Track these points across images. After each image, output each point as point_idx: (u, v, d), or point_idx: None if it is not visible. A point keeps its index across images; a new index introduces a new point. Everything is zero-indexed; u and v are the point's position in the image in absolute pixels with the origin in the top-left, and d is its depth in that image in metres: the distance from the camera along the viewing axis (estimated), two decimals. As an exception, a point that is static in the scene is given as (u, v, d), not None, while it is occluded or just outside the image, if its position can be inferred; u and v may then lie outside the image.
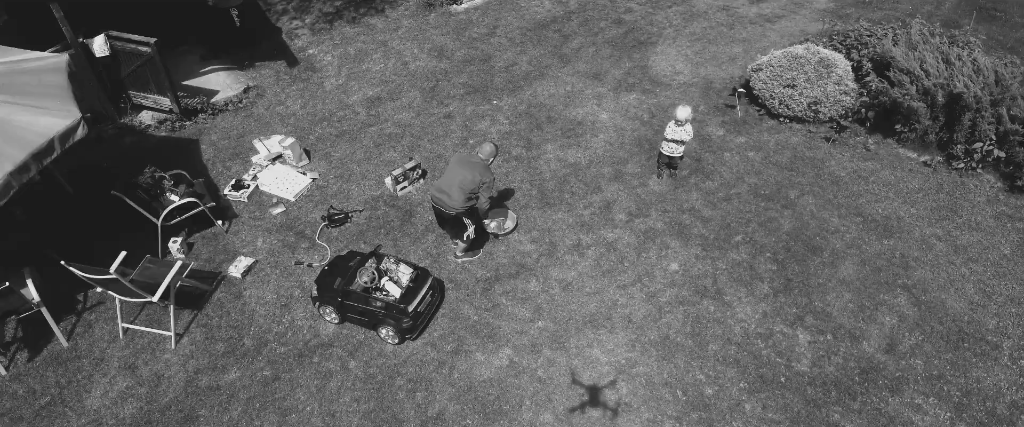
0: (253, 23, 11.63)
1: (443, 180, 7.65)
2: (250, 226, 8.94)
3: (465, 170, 7.47)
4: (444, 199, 7.61)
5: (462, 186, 7.47)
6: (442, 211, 7.74)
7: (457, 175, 7.49)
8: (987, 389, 6.66)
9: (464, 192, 7.48)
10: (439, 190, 7.66)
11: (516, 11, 12.54)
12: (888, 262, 7.91)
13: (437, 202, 7.71)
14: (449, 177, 7.59)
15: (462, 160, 7.60)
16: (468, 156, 7.67)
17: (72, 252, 7.65)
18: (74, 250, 8.02)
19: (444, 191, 7.60)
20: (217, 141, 10.23)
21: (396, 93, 10.88)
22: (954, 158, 8.87)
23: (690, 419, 6.65)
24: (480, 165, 7.51)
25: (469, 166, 7.48)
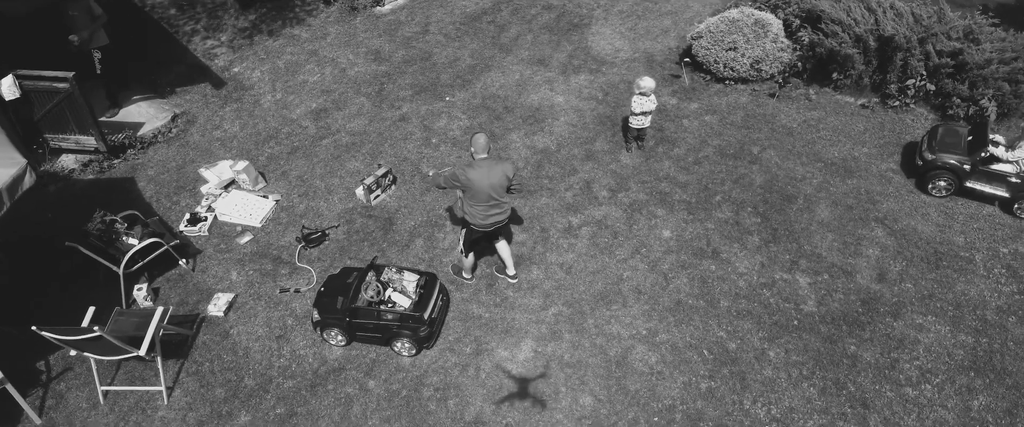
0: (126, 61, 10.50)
1: (488, 197, 6.78)
2: (218, 260, 8.26)
3: (496, 170, 6.77)
4: (502, 211, 7.01)
5: (504, 185, 6.87)
6: (500, 226, 7.22)
7: (496, 179, 6.75)
8: (974, 300, 7.25)
9: (506, 189, 6.98)
10: (492, 210, 6.91)
11: (444, 7, 12.32)
12: (857, 200, 8.43)
13: (496, 223, 7.06)
14: (492, 188, 6.74)
15: (487, 166, 6.72)
16: (485, 160, 6.79)
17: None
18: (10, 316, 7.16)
19: (498, 204, 6.91)
20: (156, 176, 9.38)
21: (342, 102, 10.40)
22: (889, 97, 9.58)
23: (722, 375, 6.81)
24: (500, 157, 7.11)
25: (496, 164, 6.81)
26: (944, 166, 8.18)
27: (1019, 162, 7.91)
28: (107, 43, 9.76)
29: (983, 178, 8.12)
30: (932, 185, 8.37)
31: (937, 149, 8.27)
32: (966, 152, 8.17)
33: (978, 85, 8.86)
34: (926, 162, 8.34)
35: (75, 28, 9.32)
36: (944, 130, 8.55)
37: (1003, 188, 8.08)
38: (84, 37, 9.38)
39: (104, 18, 9.60)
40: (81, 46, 9.44)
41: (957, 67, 8.97)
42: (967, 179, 8.17)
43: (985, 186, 8.16)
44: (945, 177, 8.25)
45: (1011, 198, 8.07)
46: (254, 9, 12.21)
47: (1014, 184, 7.98)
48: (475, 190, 6.72)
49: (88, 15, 9.40)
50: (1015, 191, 8.01)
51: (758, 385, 6.69)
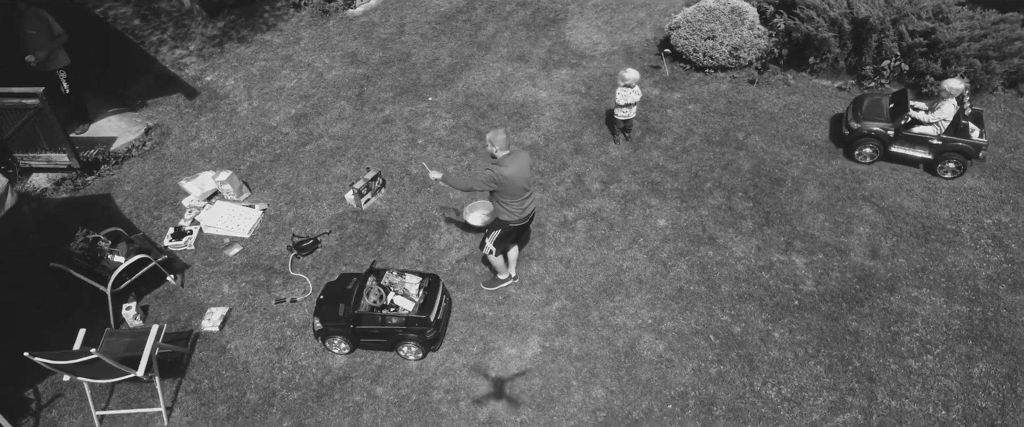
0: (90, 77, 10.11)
1: (522, 190, 6.73)
2: (207, 274, 8.02)
3: (523, 161, 6.71)
4: (533, 200, 7.03)
5: (531, 174, 6.92)
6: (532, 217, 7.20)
7: (526, 171, 6.70)
8: (964, 270, 7.45)
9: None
10: (527, 202, 6.89)
11: (417, 6, 12.18)
12: (842, 179, 8.59)
13: (532, 214, 7.06)
14: (525, 180, 6.70)
15: (514, 159, 6.63)
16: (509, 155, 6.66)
17: None
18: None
19: (530, 194, 6.91)
20: (133, 191, 9.06)
21: (322, 106, 10.20)
22: (865, 78, 9.80)
23: (730, 359, 6.86)
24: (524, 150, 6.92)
25: (519, 155, 6.75)
26: (869, 133, 8.50)
27: (938, 123, 8.22)
28: (68, 62, 9.34)
29: (906, 142, 8.44)
30: (858, 152, 8.68)
31: (862, 118, 8.58)
32: (889, 119, 8.50)
33: (951, 63, 9.11)
34: (852, 131, 8.63)
35: (34, 48, 8.88)
36: (868, 100, 8.87)
37: (926, 150, 8.41)
38: (41, 57, 8.92)
39: (64, 37, 9.17)
40: (39, 66, 9.00)
41: (930, 46, 9.22)
42: (892, 144, 8.50)
43: (909, 150, 8.49)
44: (871, 144, 8.56)
45: (934, 159, 8.42)
46: (222, 16, 11.90)
47: (935, 146, 8.31)
48: (512, 187, 6.61)
49: (47, 34, 8.97)
50: (937, 152, 8.34)
51: (766, 366, 6.76)
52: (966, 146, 8.21)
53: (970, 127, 8.26)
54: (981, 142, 8.18)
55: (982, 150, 8.20)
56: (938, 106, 8.28)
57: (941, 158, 8.36)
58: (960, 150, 8.24)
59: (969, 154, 8.24)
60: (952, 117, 8.19)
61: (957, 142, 8.22)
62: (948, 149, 8.28)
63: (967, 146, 8.21)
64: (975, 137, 8.25)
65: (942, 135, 8.26)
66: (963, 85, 8.15)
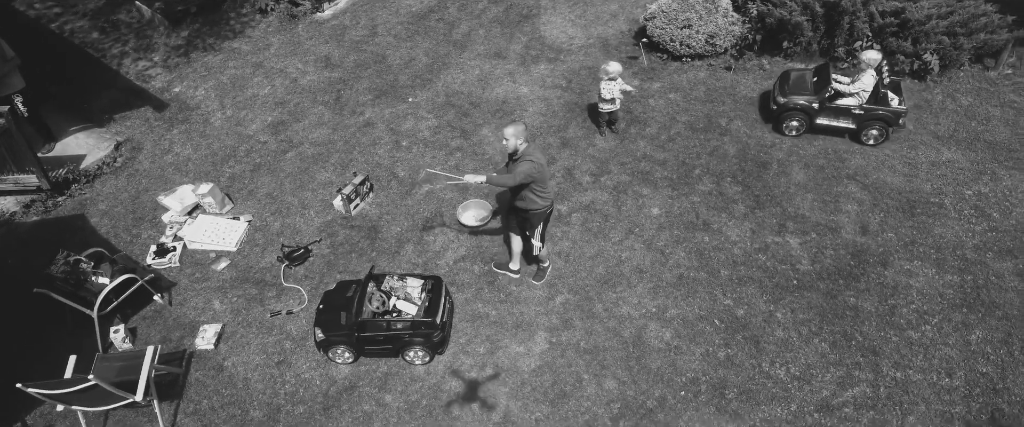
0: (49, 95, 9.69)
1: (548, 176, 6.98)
2: (195, 291, 7.74)
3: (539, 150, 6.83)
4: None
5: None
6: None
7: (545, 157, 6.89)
8: (951, 241, 7.65)
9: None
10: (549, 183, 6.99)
11: (388, 7, 11.99)
12: (826, 159, 8.75)
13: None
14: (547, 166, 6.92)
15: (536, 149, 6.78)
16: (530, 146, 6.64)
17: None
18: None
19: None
20: (108, 210, 8.69)
21: (299, 113, 9.96)
22: (838, 60, 10.00)
23: (737, 342, 6.92)
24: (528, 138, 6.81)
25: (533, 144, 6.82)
26: (795, 107, 8.78)
27: (859, 94, 8.52)
28: (23, 85, 8.90)
29: (831, 114, 8.75)
30: (785, 126, 8.97)
31: (788, 92, 8.85)
32: (813, 92, 8.78)
33: (920, 41, 9.36)
34: (779, 105, 8.90)
35: None
36: (793, 75, 9.15)
37: (849, 120, 8.72)
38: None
39: (17, 60, 8.76)
40: None
41: (900, 25, 9.46)
42: (817, 116, 8.80)
43: (833, 121, 8.80)
44: (797, 117, 8.86)
45: (857, 128, 8.74)
46: (185, 25, 11.53)
47: (858, 115, 8.63)
48: (545, 172, 6.65)
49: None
50: (860, 121, 8.67)
51: (773, 347, 6.84)
52: (887, 114, 8.54)
53: (889, 96, 8.59)
54: (900, 109, 8.53)
55: (902, 117, 8.57)
56: (858, 77, 8.57)
57: (864, 127, 8.69)
58: (881, 118, 8.58)
59: (890, 121, 8.58)
60: (872, 87, 8.49)
61: (878, 110, 8.55)
62: (870, 118, 8.61)
63: (887, 114, 8.54)
64: (895, 105, 8.57)
65: (864, 105, 8.57)
66: (880, 56, 8.46)
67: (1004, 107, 9.13)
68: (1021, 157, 8.46)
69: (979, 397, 6.28)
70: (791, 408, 6.35)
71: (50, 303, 6.94)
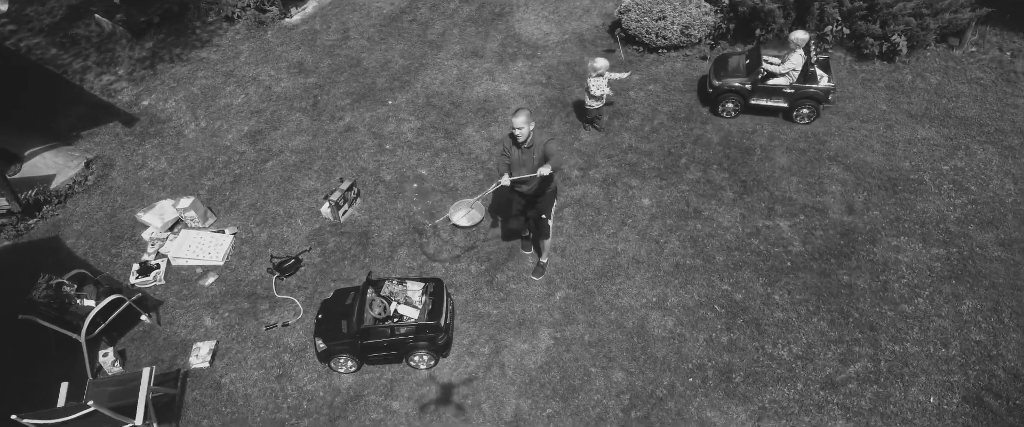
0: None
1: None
2: (184, 308, 7.50)
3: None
4: None
5: None
6: None
7: None
8: (934, 216, 7.86)
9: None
10: None
11: (358, 11, 11.81)
12: (808, 143, 8.91)
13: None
14: None
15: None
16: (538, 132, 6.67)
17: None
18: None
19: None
20: (84, 230, 8.36)
21: (276, 120, 9.73)
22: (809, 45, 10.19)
23: (738, 325, 7.00)
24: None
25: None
26: (730, 89, 9.03)
27: (790, 74, 8.78)
28: None
29: (763, 94, 9.00)
30: (722, 107, 9.22)
31: (722, 76, 9.10)
32: (746, 74, 9.04)
33: (888, 23, 9.61)
34: (715, 88, 9.15)
35: None
36: (726, 59, 9.41)
37: (781, 99, 9.00)
38: None
39: None
40: None
41: (869, 9, 9.69)
42: (751, 97, 9.06)
43: (766, 101, 9.07)
44: (732, 99, 9.13)
45: (789, 107, 9.01)
46: (149, 36, 11.16)
47: (789, 94, 8.89)
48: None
49: None
50: (791, 100, 8.93)
51: (773, 328, 6.93)
52: (816, 91, 8.81)
53: (818, 74, 8.84)
54: (829, 86, 8.80)
55: (830, 94, 8.85)
56: (788, 58, 8.81)
57: (796, 105, 8.97)
58: (811, 96, 8.85)
59: (820, 99, 8.87)
60: (801, 66, 8.74)
61: (808, 89, 8.81)
62: (801, 96, 8.87)
63: (817, 91, 8.81)
64: (824, 83, 8.82)
65: (794, 84, 8.82)
66: (808, 35, 8.69)
67: (971, 84, 9.43)
68: (992, 131, 8.75)
69: (975, 365, 6.47)
70: (797, 387, 6.45)
71: (32, 329, 6.64)
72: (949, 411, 6.16)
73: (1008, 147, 8.49)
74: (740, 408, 6.33)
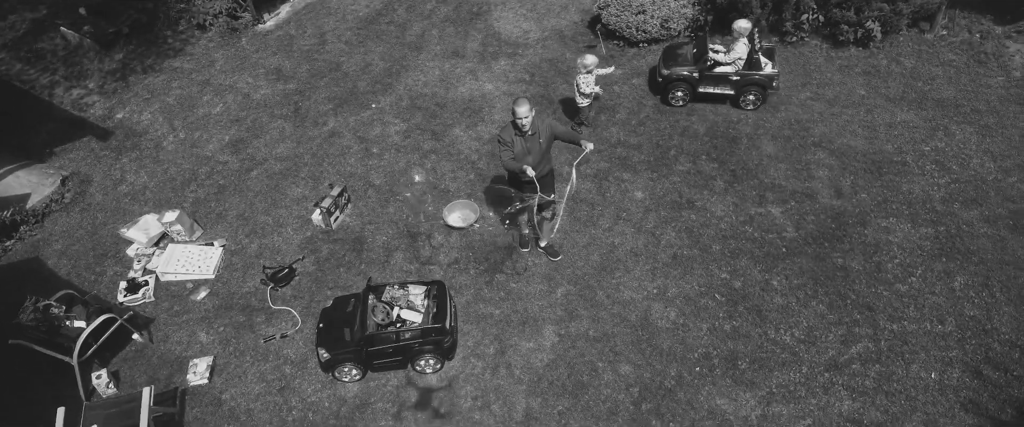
0: None
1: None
2: (177, 324, 7.30)
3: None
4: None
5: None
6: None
7: None
8: (920, 196, 8.03)
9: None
10: None
11: (333, 14, 11.64)
12: (792, 130, 9.03)
13: None
14: None
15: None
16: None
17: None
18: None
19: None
20: (65, 249, 8.09)
21: (258, 128, 9.53)
22: (787, 34, 10.35)
23: (739, 312, 7.06)
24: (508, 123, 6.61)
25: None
26: (679, 78, 9.20)
27: (735, 62, 8.97)
28: None
29: (711, 82, 9.16)
30: (671, 96, 9.40)
31: (671, 65, 9.28)
32: (693, 63, 9.22)
33: (863, 10, 9.80)
34: (664, 77, 9.32)
35: None
36: (674, 49, 9.58)
37: (728, 87, 9.18)
38: None
39: None
40: None
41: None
42: (699, 85, 9.24)
43: (714, 88, 9.24)
44: (681, 88, 9.30)
45: (736, 94, 9.19)
46: (119, 48, 10.84)
47: (735, 81, 9.06)
48: None
49: None
50: (738, 87, 9.10)
51: (774, 314, 7.01)
52: (761, 78, 9.01)
53: (763, 61, 9.03)
54: (773, 73, 9.01)
55: (775, 80, 9.05)
56: (733, 46, 8.98)
57: (742, 92, 9.15)
58: (756, 82, 9.04)
59: (765, 85, 9.07)
60: (746, 54, 8.91)
61: (753, 76, 8.99)
62: (746, 83, 9.06)
63: (762, 78, 9.01)
64: (768, 70, 9.01)
65: (740, 71, 9.00)
66: (751, 24, 8.88)
67: (944, 66, 9.67)
68: (968, 111, 8.97)
69: (971, 339, 6.62)
70: (802, 370, 6.53)
71: (22, 353, 6.40)
72: (950, 386, 6.30)
73: (985, 126, 8.73)
74: (748, 394, 6.39)
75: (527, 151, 6.46)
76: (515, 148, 6.44)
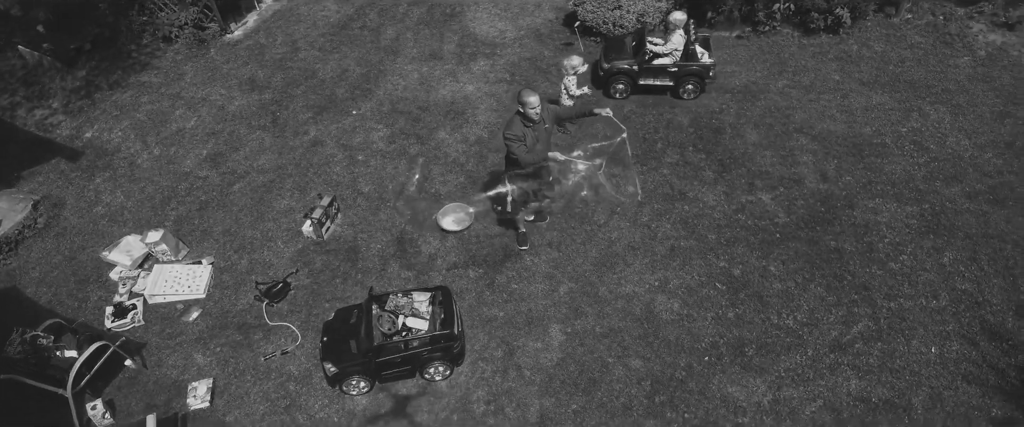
0: None
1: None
2: (170, 348, 7.05)
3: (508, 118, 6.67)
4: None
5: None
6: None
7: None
8: (902, 176, 8.24)
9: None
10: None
11: (303, 21, 11.40)
12: (774, 118, 9.18)
13: None
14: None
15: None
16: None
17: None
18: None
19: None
20: (43, 277, 7.74)
21: (236, 141, 9.27)
22: (759, 24, 10.52)
23: (741, 300, 7.14)
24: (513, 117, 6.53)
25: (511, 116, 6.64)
26: (619, 71, 9.39)
27: (672, 53, 9.15)
28: None
29: (650, 74, 9.30)
30: (613, 89, 9.58)
31: (611, 59, 9.44)
32: (632, 56, 9.41)
33: (832, -4, 10.06)
34: (605, 71, 9.49)
35: None
36: (614, 43, 9.73)
37: (666, 78, 9.32)
38: None
39: None
40: None
41: (814, -16, 10.11)
42: (639, 78, 9.41)
43: (653, 80, 9.38)
44: (622, 81, 9.48)
45: (675, 85, 9.35)
46: (81, 64, 10.42)
47: (673, 73, 9.24)
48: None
49: None
50: (676, 78, 9.28)
51: (775, 299, 7.11)
52: (698, 68, 9.20)
53: (699, 52, 9.23)
54: (708, 63, 9.20)
55: (711, 70, 9.24)
56: (669, 38, 9.15)
57: (680, 82, 9.33)
58: (694, 73, 9.24)
59: (702, 75, 9.27)
60: (683, 46, 9.10)
61: (691, 66, 9.17)
62: (684, 74, 9.24)
63: (699, 68, 9.20)
64: (704, 60, 9.21)
65: (677, 62, 9.18)
66: (686, 16, 9.05)
67: (912, 49, 9.95)
68: (939, 92, 9.25)
69: (966, 312, 6.82)
70: (808, 353, 6.64)
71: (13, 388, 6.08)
72: (950, 359, 6.47)
73: (956, 105, 9.01)
74: (759, 380, 6.47)
75: (536, 139, 6.46)
76: (527, 140, 6.40)
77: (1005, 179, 8.01)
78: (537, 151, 6.51)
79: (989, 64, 9.55)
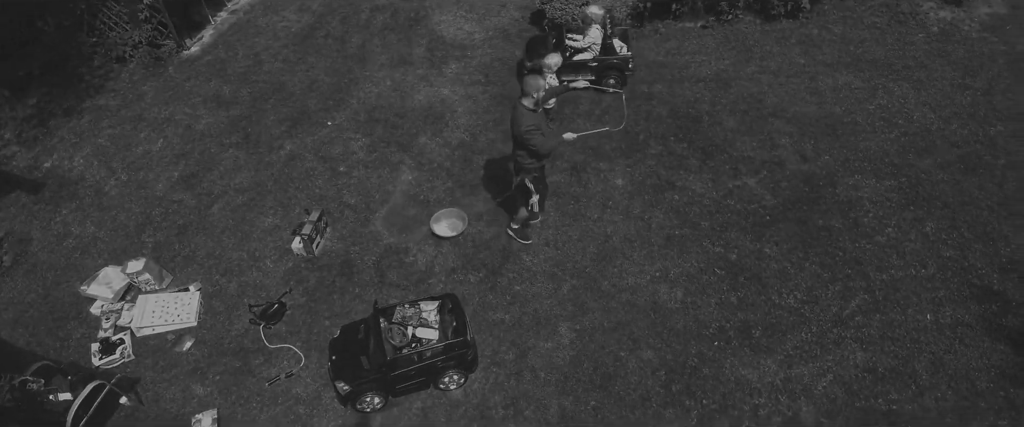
0: None
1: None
2: (166, 381, 6.74)
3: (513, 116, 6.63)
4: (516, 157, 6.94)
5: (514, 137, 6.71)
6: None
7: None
8: (876, 152, 8.52)
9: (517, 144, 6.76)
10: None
11: (263, 33, 11.07)
12: (747, 103, 9.38)
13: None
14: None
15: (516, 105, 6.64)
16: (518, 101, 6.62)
17: None
18: None
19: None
20: (18, 317, 7.29)
21: (208, 160, 8.93)
22: (722, 13, 10.74)
23: (740, 284, 7.26)
24: (519, 111, 6.52)
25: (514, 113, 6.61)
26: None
27: (591, 48, 9.39)
28: None
29: (571, 70, 9.27)
30: None
31: (533, 57, 9.50)
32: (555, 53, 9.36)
33: (791, -18, 10.34)
34: (528, 70, 9.47)
35: None
36: (536, 40, 9.90)
37: (588, 73, 9.35)
38: None
39: None
40: None
41: (773, -29, 10.37)
42: (560, 74, 9.12)
43: (575, 75, 9.33)
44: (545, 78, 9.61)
45: (597, 78, 9.36)
46: (32, 91, 9.85)
47: (594, 67, 9.38)
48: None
49: None
50: (597, 72, 9.40)
51: (774, 280, 7.26)
52: (617, 61, 9.39)
53: (617, 45, 9.48)
54: (627, 55, 9.43)
55: (629, 61, 9.46)
56: (587, 33, 9.36)
57: (602, 75, 9.43)
58: (613, 65, 9.44)
59: (621, 67, 9.47)
60: (601, 40, 9.32)
61: (611, 59, 9.36)
62: (605, 67, 9.39)
63: (618, 61, 9.40)
64: (622, 52, 9.46)
65: (597, 57, 9.39)
66: (603, 11, 9.28)
67: (870, 29, 10.32)
68: (900, 68, 9.61)
69: (953, 278, 7.10)
70: (812, 330, 6.80)
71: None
72: (946, 324, 6.72)
73: (918, 81, 9.38)
74: (769, 360, 6.59)
75: (546, 124, 6.66)
76: (542, 128, 6.54)
77: (972, 148, 8.38)
78: (551, 134, 6.59)
79: (943, 39, 9.98)
